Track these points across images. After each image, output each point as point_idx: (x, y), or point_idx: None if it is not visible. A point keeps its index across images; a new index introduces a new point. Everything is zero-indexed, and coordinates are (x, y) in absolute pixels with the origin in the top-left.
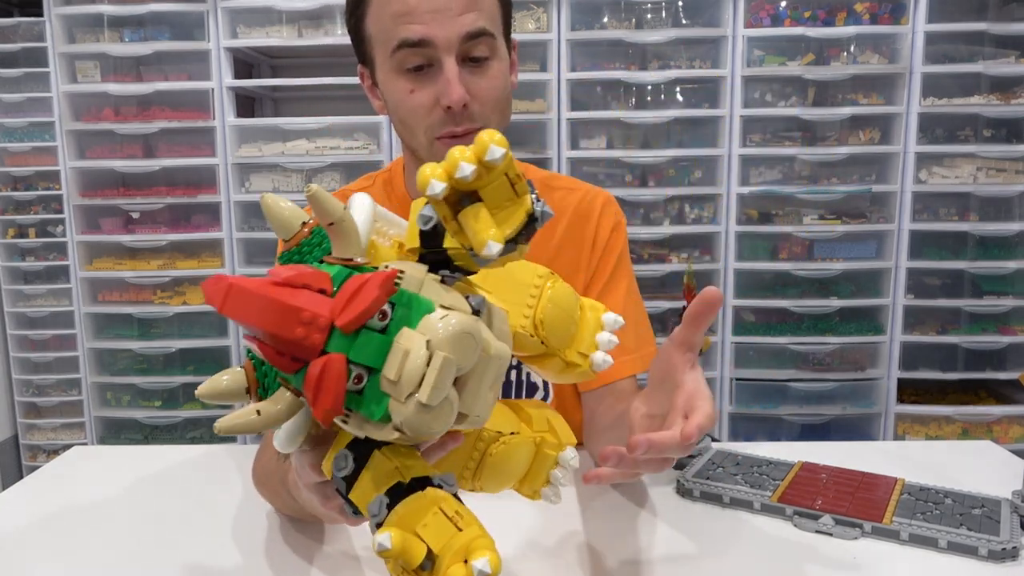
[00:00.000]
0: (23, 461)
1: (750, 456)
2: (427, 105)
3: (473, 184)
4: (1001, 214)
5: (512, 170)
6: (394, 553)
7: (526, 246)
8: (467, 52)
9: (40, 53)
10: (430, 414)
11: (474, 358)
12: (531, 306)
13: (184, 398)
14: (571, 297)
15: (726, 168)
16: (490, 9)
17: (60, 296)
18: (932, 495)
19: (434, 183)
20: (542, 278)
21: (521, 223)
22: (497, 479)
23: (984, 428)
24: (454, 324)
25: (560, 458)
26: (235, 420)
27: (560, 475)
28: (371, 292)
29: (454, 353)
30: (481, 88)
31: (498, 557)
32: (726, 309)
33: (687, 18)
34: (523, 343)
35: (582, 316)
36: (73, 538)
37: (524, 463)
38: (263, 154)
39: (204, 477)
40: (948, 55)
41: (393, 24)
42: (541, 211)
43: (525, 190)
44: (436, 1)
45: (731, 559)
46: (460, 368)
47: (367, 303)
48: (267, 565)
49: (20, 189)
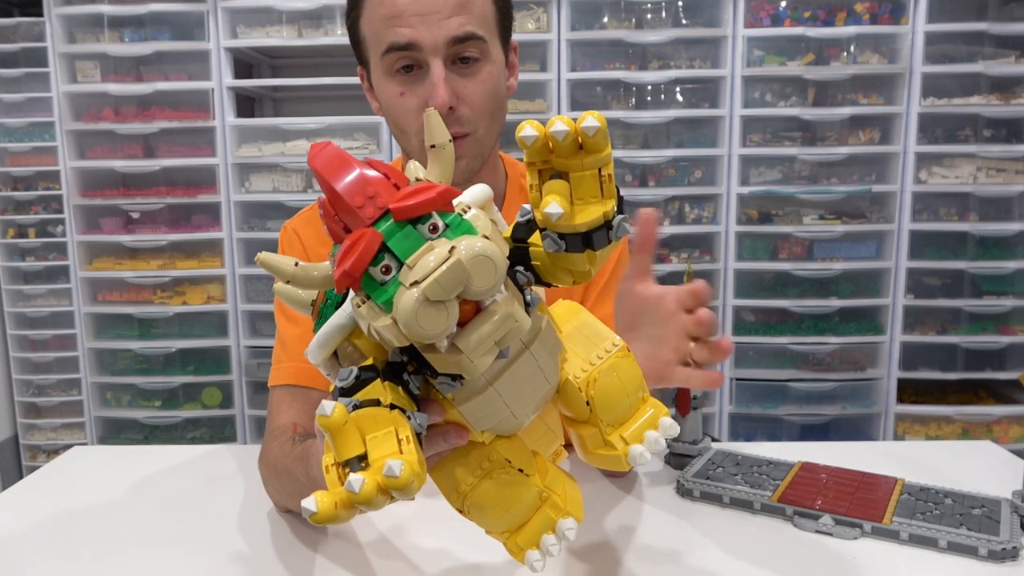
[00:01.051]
0: (23, 461)
1: (750, 456)
2: (416, 108)
3: (566, 161)
4: (1001, 214)
5: (607, 169)
6: (332, 425)
7: (595, 254)
8: (456, 54)
9: (40, 53)
10: (423, 310)
11: (489, 283)
12: (593, 364)
13: (184, 398)
14: (635, 377)
15: (726, 168)
16: (481, 12)
17: (60, 296)
18: (932, 495)
19: (528, 129)
20: (616, 346)
21: (594, 222)
22: (490, 509)
23: (984, 428)
24: (481, 245)
25: (558, 524)
26: (276, 261)
27: (552, 543)
28: (429, 194)
29: (470, 266)
30: (469, 91)
31: (412, 465)
32: (726, 309)
33: (687, 18)
34: (570, 395)
35: (640, 405)
36: (73, 538)
37: (522, 506)
38: (263, 154)
39: (204, 477)
40: (948, 55)
41: (383, 27)
42: (618, 223)
43: (612, 196)
44: (424, 4)
45: (731, 559)
46: (472, 287)
47: (421, 200)
48: (267, 565)
49: (20, 189)
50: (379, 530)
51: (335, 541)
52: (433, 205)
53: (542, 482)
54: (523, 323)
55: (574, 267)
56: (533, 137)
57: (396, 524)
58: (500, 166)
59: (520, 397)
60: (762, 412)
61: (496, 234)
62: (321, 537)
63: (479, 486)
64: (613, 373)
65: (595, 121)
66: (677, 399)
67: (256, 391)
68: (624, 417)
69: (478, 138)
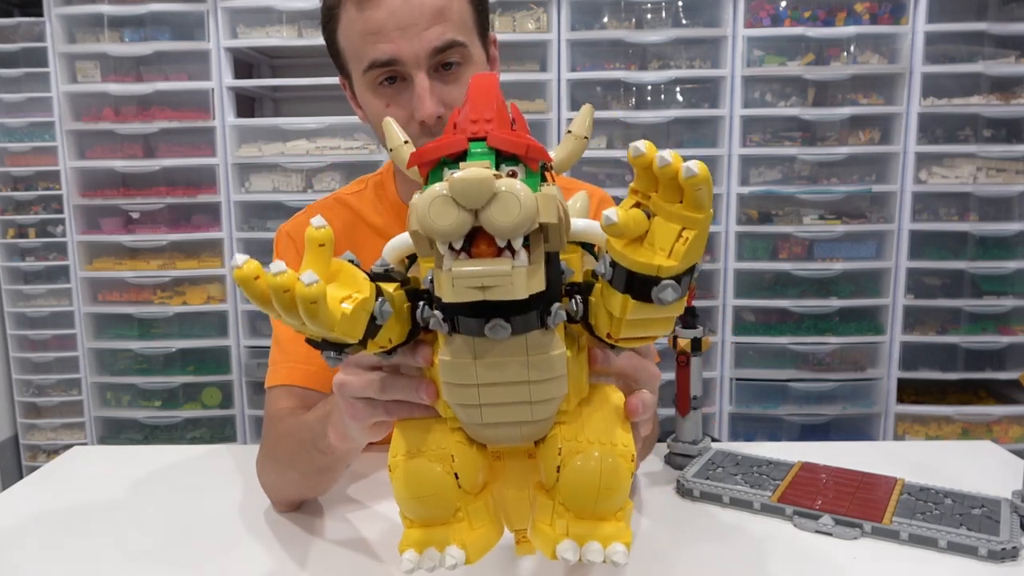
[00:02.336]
0: (23, 461)
1: (750, 456)
2: (402, 120)
3: (660, 202)
4: (1001, 214)
5: (689, 232)
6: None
7: (629, 306)
8: (438, 63)
9: (40, 53)
10: (440, 200)
11: (504, 221)
12: (591, 443)
13: (184, 398)
14: (620, 485)
15: (726, 168)
16: (459, 16)
17: (60, 296)
18: (932, 495)
19: (638, 145)
20: (625, 447)
21: (643, 265)
22: (404, 486)
23: (984, 428)
24: (520, 188)
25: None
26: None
27: (431, 560)
28: (521, 139)
29: (496, 193)
30: (455, 97)
31: (321, 293)
32: (726, 309)
33: (687, 18)
34: (547, 451)
35: (609, 518)
36: (73, 538)
37: (430, 505)
38: (263, 154)
39: (204, 477)
40: (948, 55)
41: (362, 43)
42: (663, 287)
43: (678, 259)
44: (402, 17)
45: (731, 559)
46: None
47: (512, 139)
48: (267, 565)
49: (20, 189)
50: (379, 530)
51: (334, 542)
52: (519, 149)
53: (467, 505)
54: (517, 290)
55: (611, 307)
56: (641, 152)
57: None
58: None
59: (494, 395)
60: (762, 412)
61: (552, 203)
62: (321, 538)
63: (413, 460)
64: (602, 463)
65: (695, 168)
66: (677, 399)
67: (256, 391)
68: (584, 513)
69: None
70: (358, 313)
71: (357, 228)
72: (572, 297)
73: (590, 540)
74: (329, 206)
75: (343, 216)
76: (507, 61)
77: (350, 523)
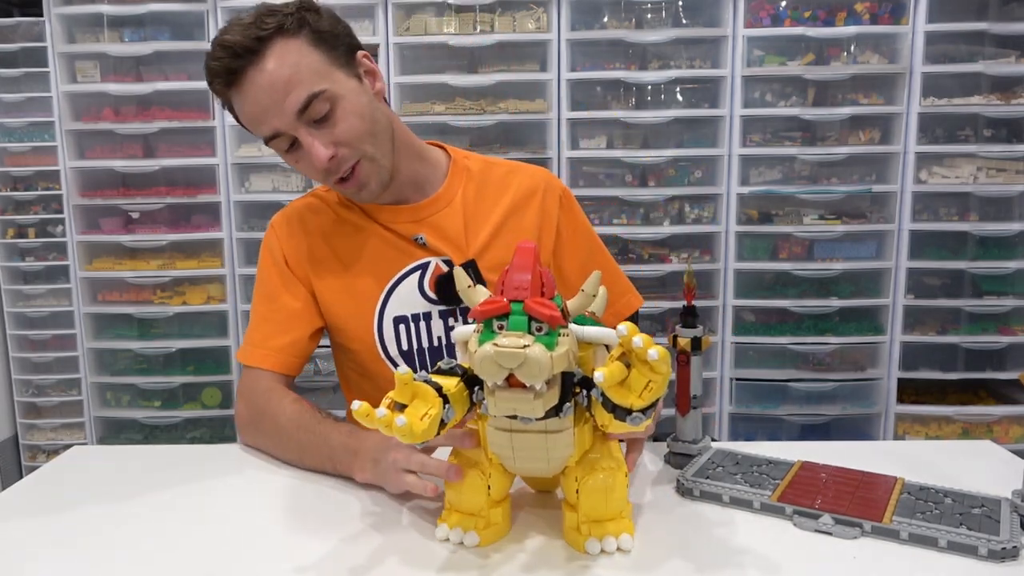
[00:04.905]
0: (23, 461)
1: (750, 456)
2: (312, 171)
3: (635, 360)
4: (1001, 214)
5: (652, 385)
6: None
7: (612, 421)
8: (310, 118)
9: (40, 53)
10: (487, 361)
11: (530, 379)
12: (594, 471)
13: (184, 398)
14: (620, 495)
15: (726, 168)
16: (308, 70)
17: (60, 296)
18: (932, 495)
19: (622, 329)
20: (613, 469)
21: (621, 401)
22: (454, 484)
23: (984, 428)
24: (541, 356)
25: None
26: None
27: (457, 537)
28: (547, 312)
29: (524, 362)
30: (337, 134)
31: (412, 427)
32: (726, 309)
33: (687, 18)
34: (566, 476)
35: (616, 516)
36: (73, 538)
37: (467, 502)
38: (263, 154)
39: (204, 477)
40: (948, 55)
41: (251, 126)
42: (632, 417)
43: (645, 401)
44: (262, 100)
45: (731, 559)
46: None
47: (541, 312)
48: (267, 565)
49: (20, 189)
50: (379, 531)
51: (335, 540)
52: (545, 319)
53: (491, 507)
54: (536, 412)
55: (601, 419)
56: (623, 334)
57: (395, 526)
58: (433, 156)
59: (523, 454)
60: (762, 412)
61: (564, 357)
62: (320, 537)
63: (468, 470)
64: (605, 480)
65: (655, 355)
66: (677, 399)
67: None
68: (599, 517)
69: (371, 158)
70: (433, 423)
71: (338, 224)
72: (582, 390)
73: (606, 536)
74: (315, 207)
75: (327, 214)
76: (507, 61)
77: (350, 523)
